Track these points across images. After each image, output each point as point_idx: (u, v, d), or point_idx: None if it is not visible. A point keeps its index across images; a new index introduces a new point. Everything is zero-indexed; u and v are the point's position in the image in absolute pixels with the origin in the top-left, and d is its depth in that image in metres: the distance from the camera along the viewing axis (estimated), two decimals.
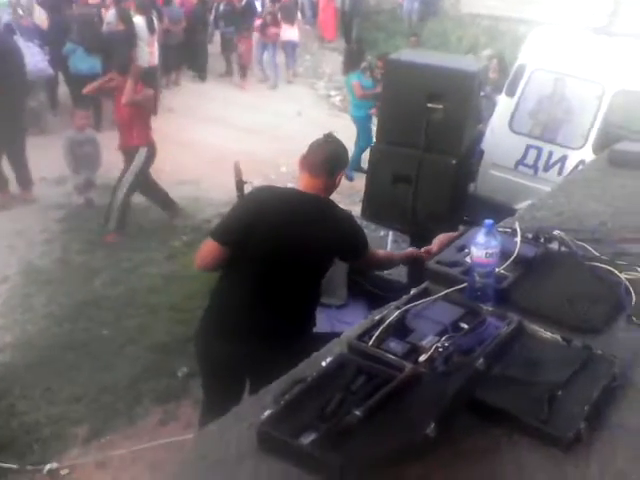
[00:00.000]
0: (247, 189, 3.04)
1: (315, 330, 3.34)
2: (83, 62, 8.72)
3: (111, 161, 7.12)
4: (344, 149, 2.82)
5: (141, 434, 3.64)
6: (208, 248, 2.72)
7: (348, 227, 2.78)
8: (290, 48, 13.06)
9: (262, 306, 2.73)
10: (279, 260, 2.67)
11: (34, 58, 8.13)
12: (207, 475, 1.63)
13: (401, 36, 13.35)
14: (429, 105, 4.58)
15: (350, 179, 8.10)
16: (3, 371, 4.13)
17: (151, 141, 6.19)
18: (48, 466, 3.40)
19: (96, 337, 4.48)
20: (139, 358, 4.30)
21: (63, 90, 9.57)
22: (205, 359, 2.92)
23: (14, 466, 3.39)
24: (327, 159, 2.70)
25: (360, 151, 8.58)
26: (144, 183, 6.31)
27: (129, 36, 9.20)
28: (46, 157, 7.07)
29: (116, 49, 8.84)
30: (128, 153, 6.12)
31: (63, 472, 3.38)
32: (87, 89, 6.41)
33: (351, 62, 9.23)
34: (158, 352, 4.37)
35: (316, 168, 2.69)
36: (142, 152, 6.06)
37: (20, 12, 9.28)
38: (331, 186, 2.76)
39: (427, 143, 4.64)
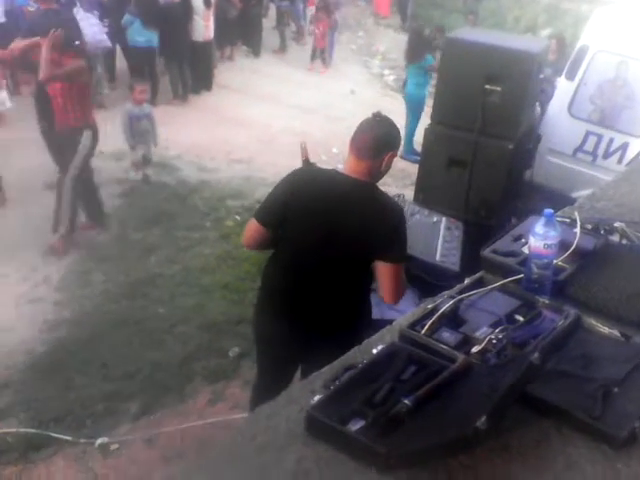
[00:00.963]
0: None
1: None
2: (140, 35, 8.75)
3: (167, 137, 7.27)
4: (395, 129, 2.63)
5: (190, 412, 3.70)
6: (251, 228, 2.71)
7: (391, 217, 2.61)
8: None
9: (305, 290, 2.68)
10: (314, 244, 2.59)
11: (92, 29, 8.11)
12: (255, 456, 1.66)
13: (457, 14, 13.11)
14: (487, 86, 4.49)
15: (415, 162, 7.97)
16: (60, 345, 4.25)
17: (92, 122, 5.49)
18: (99, 440, 3.49)
19: (152, 315, 4.56)
20: (192, 337, 4.37)
21: (120, 63, 9.66)
22: (261, 339, 2.94)
23: (68, 438, 3.50)
24: (374, 141, 2.55)
25: (412, 132, 8.45)
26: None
27: (185, 9, 9.18)
28: (104, 131, 7.16)
29: (172, 22, 8.90)
30: (63, 136, 5.34)
31: (113, 447, 3.47)
32: (3, 53, 5.53)
33: (418, 47, 8.78)
34: (210, 331, 4.43)
35: (362, 150, 2.56)
36: (86, 136, 5.36)
37: None
38: (377, 169, 2.59)
39: (483, 126, 4.56)
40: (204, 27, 9.53)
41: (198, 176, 7.10)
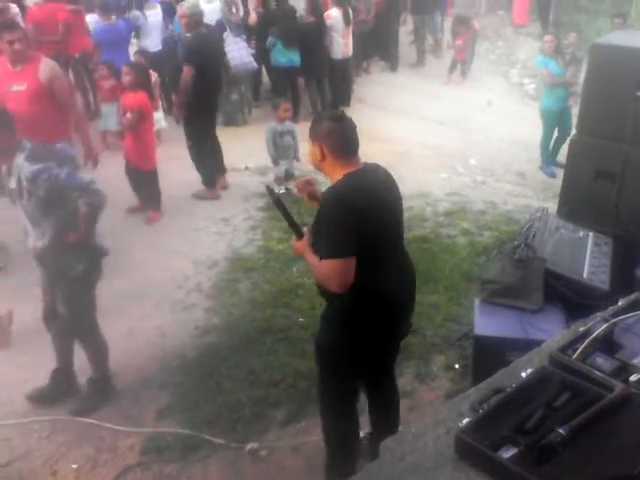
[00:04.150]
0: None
1: (507, 335, 3.31)
2: (282, 55, 9.10)
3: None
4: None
5: None
6: (343, 269, 2.70)
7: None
8: None
9: (410, 272, 3.06)
10: (394, 234, 2.97)
11: (240, 52, 8.69)
12: (404, 476, 1.69)
13: (604, 17, 12.41)
14: (639, 93, 4.27)
15: (551, 175, 7.76)
16: (211, 350, 4.49)
17: None
18: (249, 445, 3.62)
19: (293, 324, 4.69)
20: None
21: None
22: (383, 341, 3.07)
23: (221, 441, 3.67)
24: (355, 132, 2.89)
25: (544, 145, 8.19)
26: None
27: (319, 27, 9.34)
28: (249, 147, 7.52)
29: (309, 41, 9.13)
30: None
31: (262, 453, 3.59)
32: None
33: None
34: None
35: (354, 146, 2.88)
36: None
37: (233, 10, 9.88)
38: None
39: (635, 136, 4.35)
40: (343, 45, 9.69)
41: None
